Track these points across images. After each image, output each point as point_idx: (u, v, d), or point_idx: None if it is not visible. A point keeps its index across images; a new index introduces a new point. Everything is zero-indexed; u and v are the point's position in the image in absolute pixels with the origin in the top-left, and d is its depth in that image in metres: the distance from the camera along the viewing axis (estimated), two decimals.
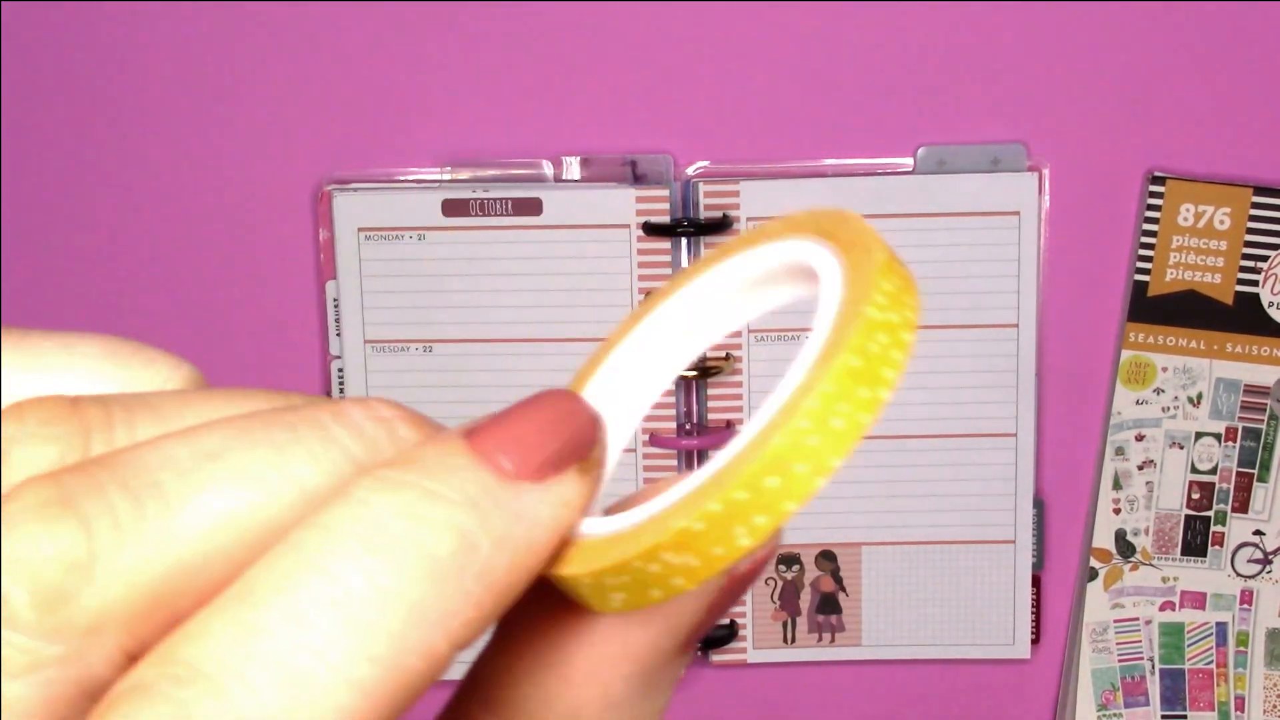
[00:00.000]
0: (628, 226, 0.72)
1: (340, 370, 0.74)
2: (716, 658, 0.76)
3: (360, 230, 0.72)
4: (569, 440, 0.15)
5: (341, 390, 0.74)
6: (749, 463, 0.14)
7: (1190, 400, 0.74)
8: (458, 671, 0.16)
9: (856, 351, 0.14)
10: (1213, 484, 0.74)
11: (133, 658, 0.14)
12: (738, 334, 0.73)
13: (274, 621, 0.13)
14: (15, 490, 0.14)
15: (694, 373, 0.72)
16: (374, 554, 0.13)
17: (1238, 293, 0.73)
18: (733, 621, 0.76)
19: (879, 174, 0.72)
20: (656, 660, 0.16)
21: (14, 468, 0.15)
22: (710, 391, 0.73)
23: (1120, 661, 0.76)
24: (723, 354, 0.73)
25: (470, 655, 0.17)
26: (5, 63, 0.73)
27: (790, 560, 0.75)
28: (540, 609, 0.16)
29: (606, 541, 0.15)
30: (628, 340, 0.18)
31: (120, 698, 0.13)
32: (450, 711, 0.17)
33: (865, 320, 0.14)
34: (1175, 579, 0.75)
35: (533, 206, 0.72)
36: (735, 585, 0.16)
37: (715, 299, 0.18)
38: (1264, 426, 0.74)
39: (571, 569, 0.15)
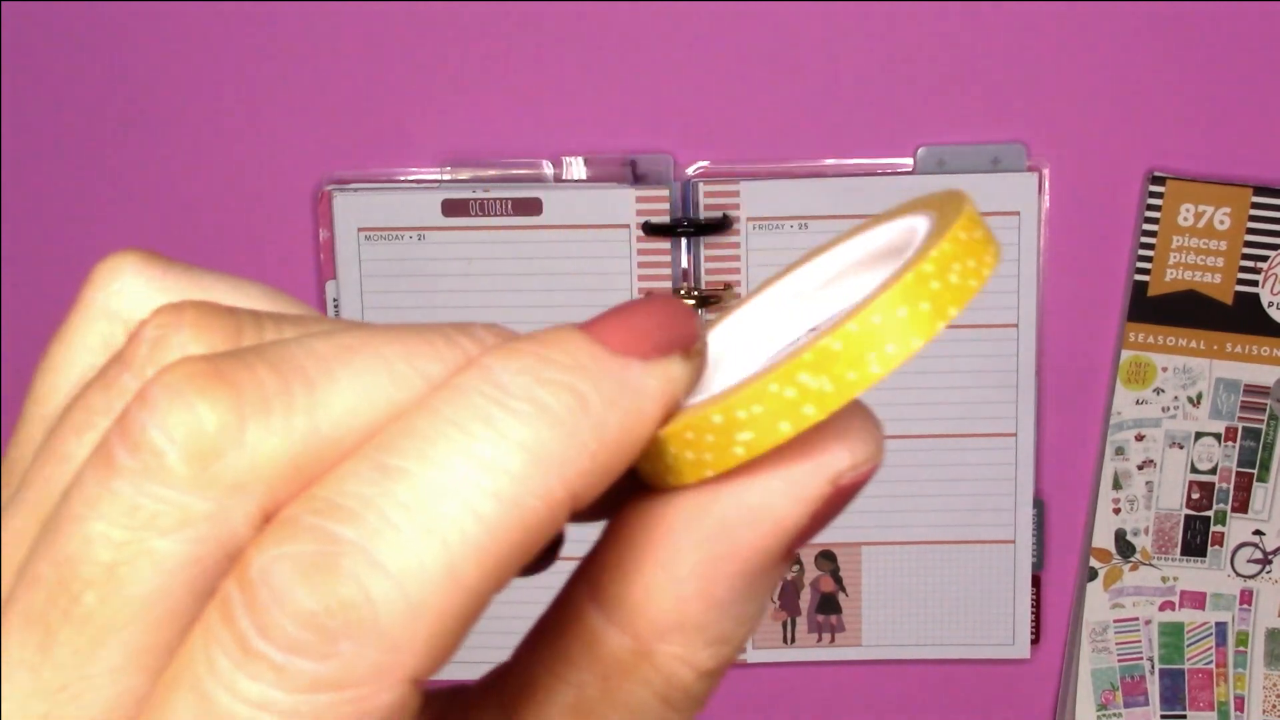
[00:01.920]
0: (628, 226, 0.72)
1: None
2: None
3: (360, 230, 0.72)
4: (672, 330, 0.16)
5: None
6: (886, 291, 0.15)
7: (1190, 400, 0.74)
8: (459, 673, 0.16)
9: (966, 228, 0.16)
10: (1213, 484, 0.74)
11: (270, 521, 0.15)
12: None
13: (407, 464, 0.15)
14: (171, 364, 0.15)
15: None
16: (496, 405, 0.15)
17: (1237, 293, 0.73)
18: None
19: (879, 174, 0.72)
20: (760, 563, 0.17)
21: (170, 353, 0.16)
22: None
23: (1120, 661, 0.76)
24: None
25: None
26: (5, 63, 0.73)
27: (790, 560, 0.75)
28: (652, 506, 0.17)
29: (726, 392, 0.16)
30: (762, 295, 0.19)
31: (269, 532, 0.15)
32: (560, 603, 0.18)
33: (964, 213, 0.17)
34: (1175, 579, 0.75)
35: (533, 206, 0.72)
36: (837, 496, 0.17)
37: (844, 269, 0.19)
38: (1264, 426, 0.74)
39: (700, 411, 0.16)
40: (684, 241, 0.72)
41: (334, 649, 0.14)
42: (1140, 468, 0.74)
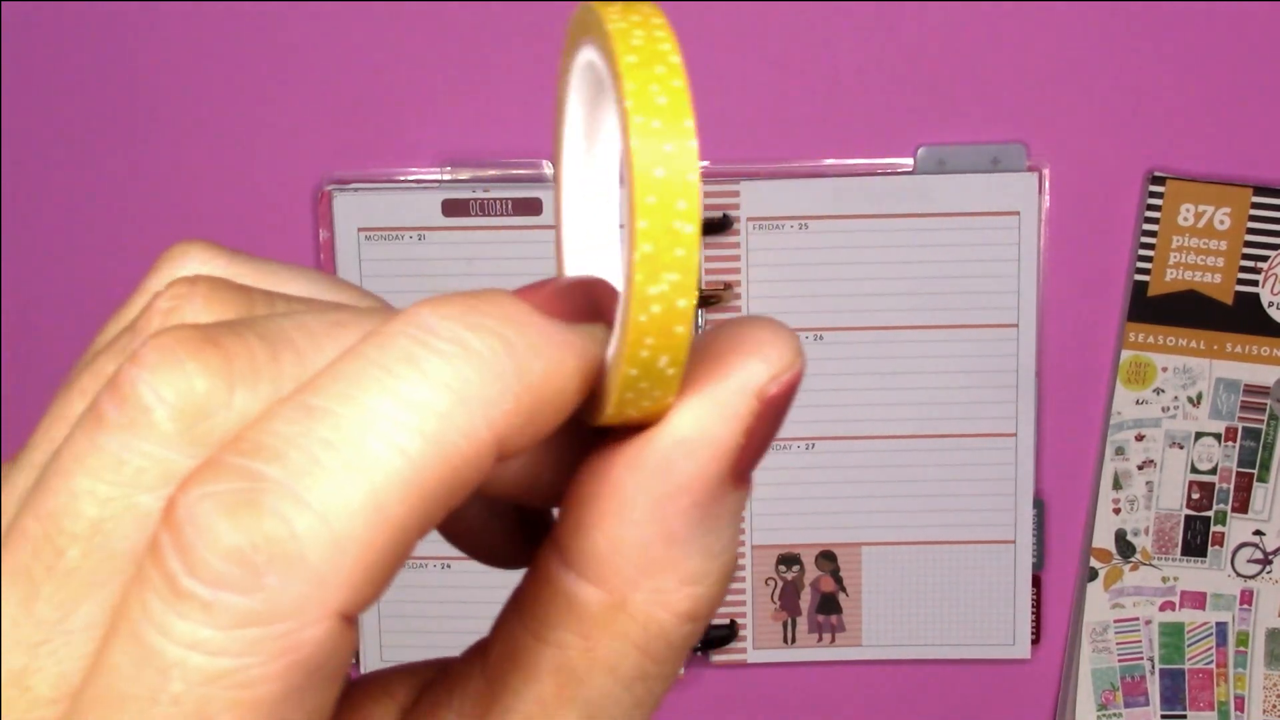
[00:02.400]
0: None
1: None
2: (716, 658, 0.76)
3: (360, 230, 0.72)
4: (596, 301, 0.17)
5: None
6: (634, 192, 0.16)
7: (1190, 400, 0.74)
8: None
9: (631, 95, 0.16)
10: (1213, 484, 0.74)
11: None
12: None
13: (332, 404, 0.15)
14: (166, 329, 0.16)
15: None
16: (421, 347, 0.15)
17: (1238, 293, 0.73)
18: (733, 621, 0.76)
19: (879, 174, 0.72)
20: (709, 491, 0.17)
21: (181, 319, 0.17)
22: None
23: (1120, 661, 0.76)
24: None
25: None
26: (5, 63, 0.73)
27: (790, 560, 0.75)
28: (599, 463, 0.17)
29: (617, 345, 0.17)
30: (568, 227, 0.20)
31: (194, 474, 0.15)
32: (533, 572, 0.18)
33: (614, 52, 0.16)
34: (1175, 579, 0.75)
35: (533, 206, 0.72)
36: (766, 409, 0.17)
37: (588, 144, 0.19)
38: (1264, 426, 0.74)
39: (616, 374, 0.17)
40: None
41: (260, 583, 0.14)
42: (1140, 468, 0.74)
